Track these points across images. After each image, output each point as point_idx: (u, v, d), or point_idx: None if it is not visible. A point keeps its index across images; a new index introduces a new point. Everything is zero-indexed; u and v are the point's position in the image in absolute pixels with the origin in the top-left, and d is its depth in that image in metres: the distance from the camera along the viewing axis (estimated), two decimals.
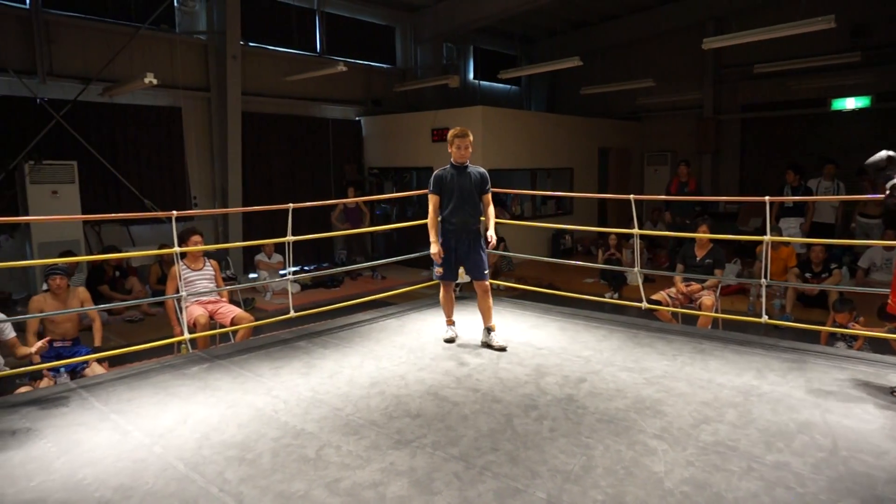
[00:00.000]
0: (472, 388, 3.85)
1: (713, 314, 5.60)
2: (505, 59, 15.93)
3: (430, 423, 3.30)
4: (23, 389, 4.15)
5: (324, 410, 3.51)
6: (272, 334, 5.40)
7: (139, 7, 9.29)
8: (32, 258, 8.20)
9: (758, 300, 6.66)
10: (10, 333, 4.21)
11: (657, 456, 2.86)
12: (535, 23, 14.66)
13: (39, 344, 4.02)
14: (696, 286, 6.04)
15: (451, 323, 4.97)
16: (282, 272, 9.46)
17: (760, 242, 5.01)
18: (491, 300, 4.80)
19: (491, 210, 4.84)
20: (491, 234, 4.67)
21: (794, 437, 3.02)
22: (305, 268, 11.47)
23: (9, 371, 4.18)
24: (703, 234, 5.94)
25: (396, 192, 11.82)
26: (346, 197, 10.73)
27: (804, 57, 10.91)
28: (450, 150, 4.68)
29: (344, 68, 10.02)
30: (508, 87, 16.22)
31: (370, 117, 12.92)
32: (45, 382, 4.02)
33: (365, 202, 10.87)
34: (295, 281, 6.32)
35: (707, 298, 5.84)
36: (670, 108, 14.67)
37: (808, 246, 7.78)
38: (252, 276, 10.21)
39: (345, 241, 11.57)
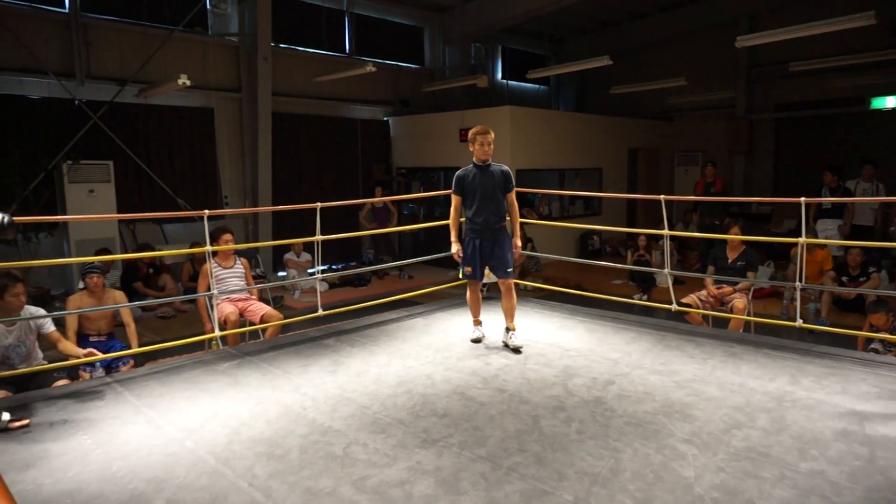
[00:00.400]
0: (498, 388, 3.84)
1: (745, 317, 5.49)
2: (533, 59, 15.85)
3: (456, 423, 3.30)
4: (60, 383, 4.26)
5: (351, 408, 3.54)
6: (301, 332, 5.45)
7: (173, 10, 9.48)
8: (70, 255, 8.44)
9: (792, 304, 6.51)
10: (51, 328, 4.32)
11: (687, 461, 2.82)
12: (564, 22, 14.56)
13: (85, 352, 4.12)
14: (727, 289, 5.93)
15: (478, 323, 4.94)
16: (310, 271, 9.55)
17: (795, 245, 4.90)
18: (515, 300, 4.76)
19: (515, 209, 4.79)
20: (516, 241, 4.69)
21: (830, 444, 2.95)
22: (333, 266, 11.57)
23: (48, 365, 4.30)
24: (735, 236, 5.83)
25: (424, 191, 11.85)
26: (374, 196, 10.80)
27: (842, 55, 10.63)
28: (471, 149, 4.64)
29: (373, 69, 10.08)
30: (537, 86, 16.14)
31: (398, 117, 12.98)
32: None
33: (392, 202, 10.92)
34: (323, 279, 6.38)
35: (739, 301, 5.73)
36: (702, 108, 14.42)
37: (846, 248, 7.58)
38: (281, 274, 10.34)
39: (372, 240, 11.64)
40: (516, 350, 4.55)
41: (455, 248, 4.70)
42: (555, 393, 3.72)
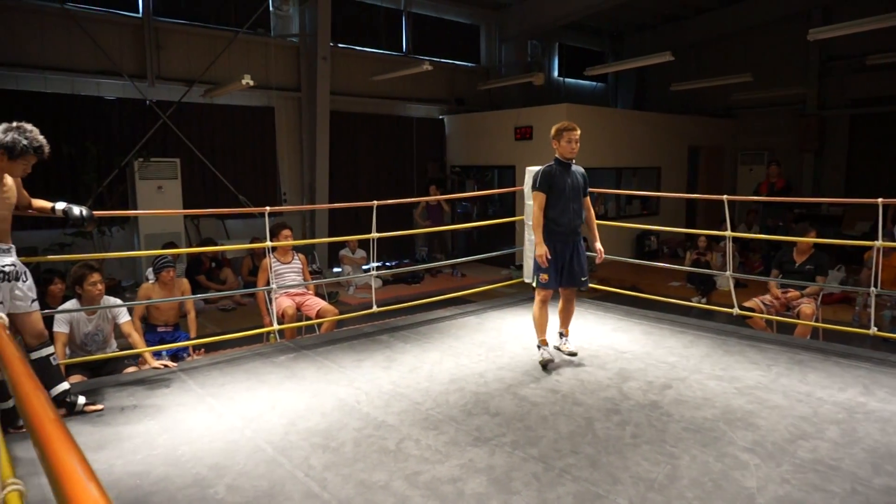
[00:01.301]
0: (551, 389, 3.80)
1: (813, 323, 5.24)
2: (591, 56, 15.58)
3: (509, 423, 3.29)
4: (130, 370, 4.48)
5: (404, 404, 3.58)
6: (355, 327, 5.55)
7: (238, 13, 9.80)
8: (139, 248, 8.85)
9: (865, 310, 6.18)
10: (125, 318, 4.54)
11: (749, 470, 2.72)
12: (624, 18, 14.25)
13: (157, 364, 4.30)
14: (794, 293, 5.68)
15: (545, 343, 4.34)
16: (364, 267, 9.70)
17: (869, 248, 4.64)
18: (574, 307, 4.63)
19: (593, 213, 4.60)
20: (599, 246, 4.47)
21: None
22: (387, 263, 11.71)
23: (121, 352, 4.53)
24: (803, 238, 5.57)
25: (477, 190, 11.85)
26: (428, 195, 10.87)
27: None
28: (555, 146, 4.34)
29: (429, 67, 10.14)
30: (594, 84, 15.86)
31: (453, 116, 13.01)
32: (154, 363, 4.32)
33: (446, 200, 10.97)
34: (377, 276, 6.48)
35: (807, 307, 5.48)
36: (768, 104, 13.83)
37: None
38: (336, 270, 10.54)
39: (426, 238, 11.71)
40: (571, 355, 4.44)
41: (542, 249, 4.20)
42: (609, 395, 3.66)
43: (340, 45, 11.32)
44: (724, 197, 5.17)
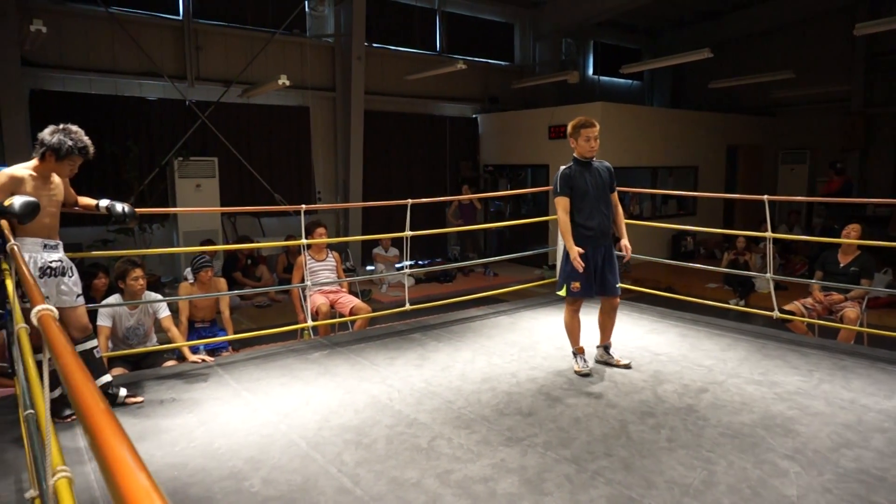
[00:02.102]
0: (584, 390, 3.76)
1: (858, 328, 5.07)
2: (627, 53, 15.36)
3: (541, 423, 3.27)
4: (170, 363, 4.59)
5: (436, 402, 3.58)
6: (388, 325, 5.58)
7: (275, 14, 9.95)
8: (178, 245, 9.07)
9: None
10: (165, 313, 4.66)
11: (788, 478, 2.65)
12: (661, 14, 14.01)
13: (195, 358, 4.42)
14: (837, 296, 5.50)
15: (581, 351, 4.17)
16: (397, 266, 9.75)
17: None
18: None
19: (620, 210, 4.29)
20: (626, 243, 4.15)
21: None
22: (419, 262, 11.76)
23: (160, 347, 4.65)
24: (847, 240, 5.39)
25: (510, 189, 11.80)
26: (460, 194, 10.88)
27: None
28: (573, 144, 4.08)
29: (463, 66, 10.14)
30: (629, 81, 15.64)
31: (487, 115, 12.98)
32: (193, 358, 4.42)
33: (479, 199, 10.95)
34: (409, 275, 6.51)
35: (851, 310, 5.30)
36: (811, 102, 13.44)
37: None
38: (369, 268, 10.63)
39: (458, 237, 11.72)
40: (627, 367, 4.15)
41: (576, 250, 3.87)
42: (644, 398, 3.61)
43: (375, 45, 11.40)
44: (765, 197, 5.05)
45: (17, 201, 2.98)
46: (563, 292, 4.13)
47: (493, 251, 12.29)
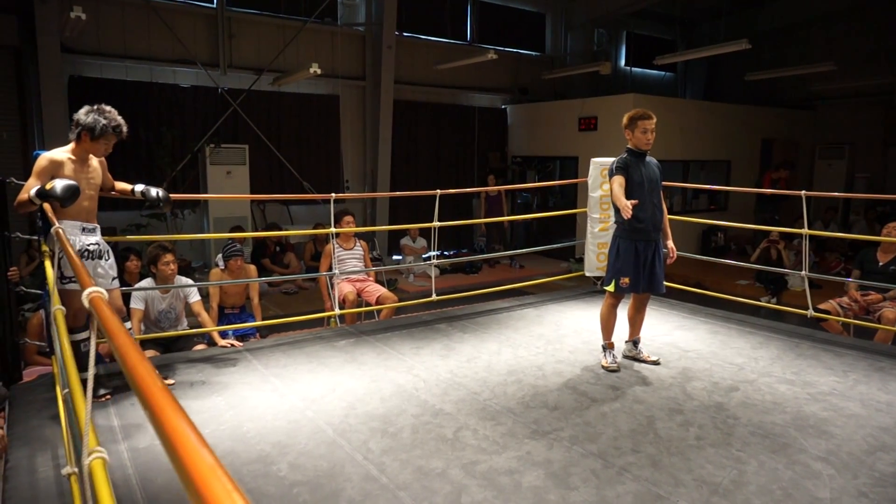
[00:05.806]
0: (612, 385, 3.73)
1: None
2: (660, 44, 15.07)
3: (567, 417, 3.25)
4: (199, 347, 4.68)
5: (462, 393, 3.59)
6: (414, 315, 5.60)
7: (307, 2, 9.98)
8: (209, 231, 9.21)
9: None
10: (195, 297, 4.74)
11: (821, 480, 2.59)
12: (697, 4, 13.72)
13: (224, 343, 4.50)
14: (875, 296, 5.35)
15: (612, 346, 4.12)
16: (424, 256, 9.77)
17: None
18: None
19: (665, 209, 4.21)
20: (671, 244, 4.14)
21: None
22: (445, 253, 11.76)
23: (192, 331, 4.74)
24: (888, 238, 5.23)
25: (539, 181, 11.71)
26: (486, 184, 10.83)
27: None
28: (628, 136, 4.00)
29: (494, 56, 10.05)
30: (662, 73, 15.35)
31: (516, 105, 12.87)
32: (222, 343, 4.50)
33: (506, 190, 10.89)
34: (436, 265, 6.50)
35: (890, 311, 5.14)
36: (852, 95, 13.02)
37: None
38: (396, 257, 10.66)
39: (485, 228, 11.67)
40: (655, 363, 4.11)
41: (625, 200, 3.65)
42: (672, 395, 3.56)
43: (405, 34, 11.37)
44: (802, 192, 4.92)
45: (58, 185, 3.05)
46: (611, 287, 4.05)
47: (520, 243, 12.23)
